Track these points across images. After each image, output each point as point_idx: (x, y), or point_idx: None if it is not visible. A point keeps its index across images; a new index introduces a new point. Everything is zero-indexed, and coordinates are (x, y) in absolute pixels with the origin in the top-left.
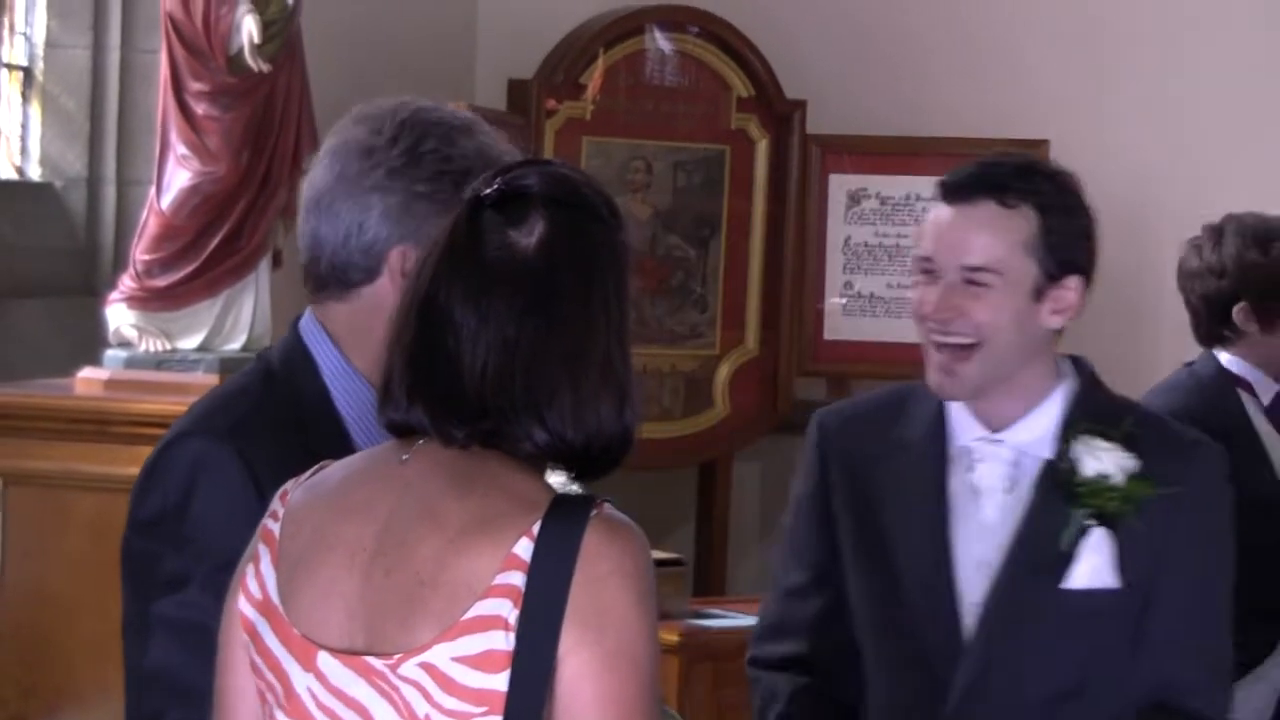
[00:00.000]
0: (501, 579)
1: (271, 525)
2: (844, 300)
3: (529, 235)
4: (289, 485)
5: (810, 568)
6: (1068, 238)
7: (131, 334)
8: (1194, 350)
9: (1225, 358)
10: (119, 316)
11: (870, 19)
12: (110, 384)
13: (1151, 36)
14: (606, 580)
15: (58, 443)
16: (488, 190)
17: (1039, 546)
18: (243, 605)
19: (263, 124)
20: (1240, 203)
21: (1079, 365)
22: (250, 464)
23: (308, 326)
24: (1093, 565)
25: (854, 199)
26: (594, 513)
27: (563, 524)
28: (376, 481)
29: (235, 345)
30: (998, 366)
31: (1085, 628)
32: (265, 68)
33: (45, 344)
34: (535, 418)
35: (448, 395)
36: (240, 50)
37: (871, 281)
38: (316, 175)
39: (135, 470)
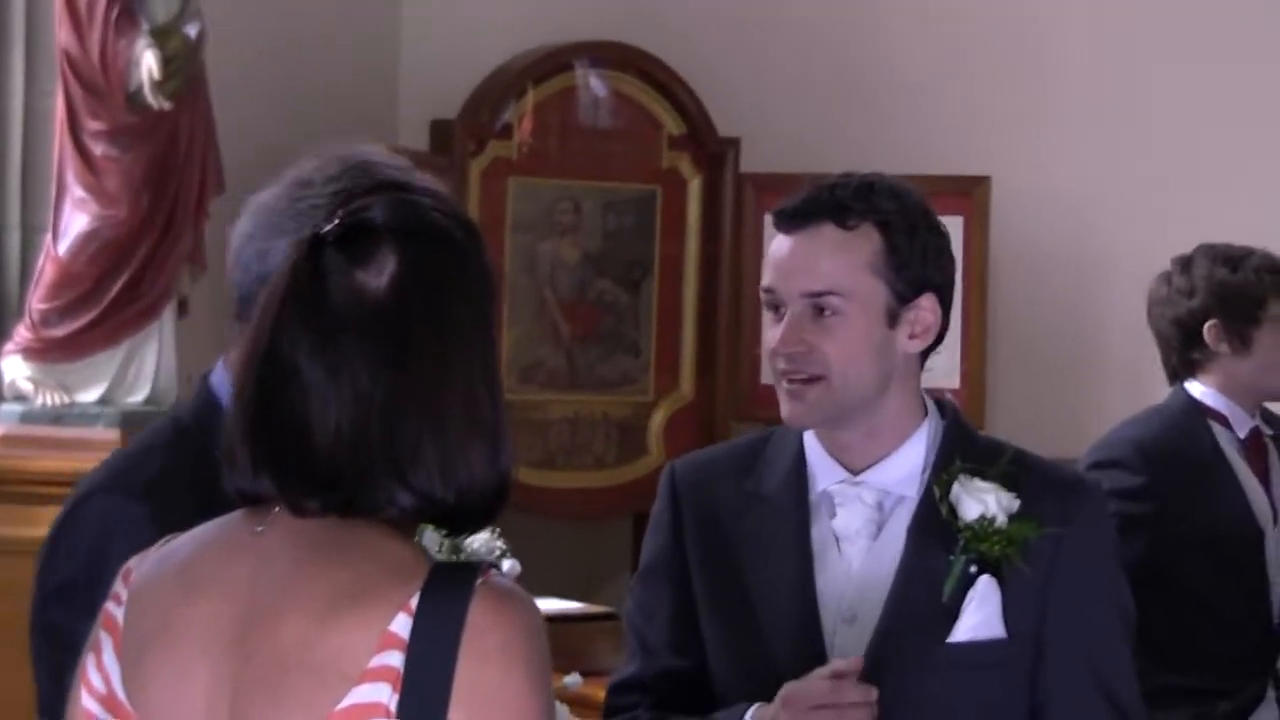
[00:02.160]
0: (378, 660)
1: (114, 610)
2: None
3: (378, 275)
4: (132, 562)
5: (669, 625)
6: (915, 255)
7: (27, 387)
8: (1142, 399)
9: (1198, 390)
10: (14, 369)
11: (805, 54)
12: (5, 440)
13: (1094, 72)
14: (495, 657)
15: None
16: (328, 227)
17: (918, 598)
18: (85, 700)
19: (165, 165)
20: (1185, 239)
21: (940, 403)
22: (166, 525)
23: (219, 379)
24: (981, 615)
25: None
26: (479, 581)
27: (444, 595)
28: (230, 555)
29: (138, 398)
30: (850, 395)
31: (974, 684)
32: (166, 105)
33: None
34: (397, 479)
35: (297, 462)
36: (140, 87)
37: None
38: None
39: (34, 532)
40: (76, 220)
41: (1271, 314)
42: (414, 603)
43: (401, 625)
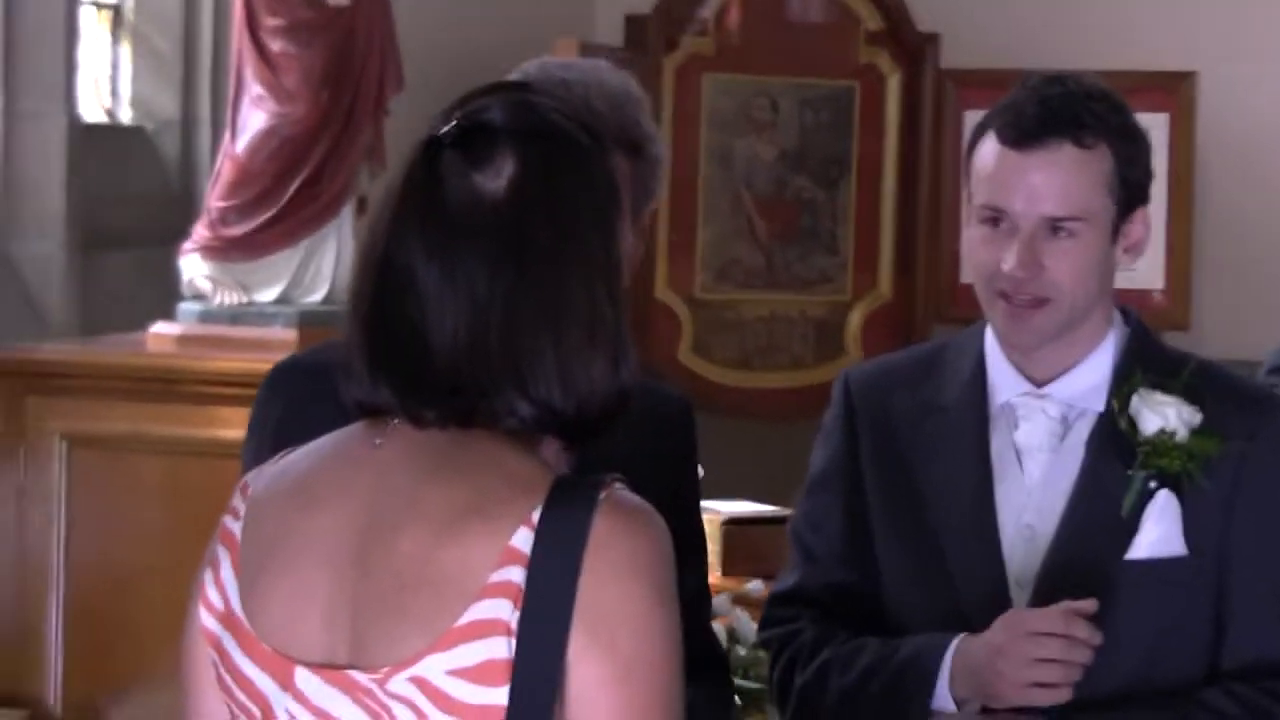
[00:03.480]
0: (498, 576)
1: (231, 524)
2: None
3: (496, 178)
4: (249, 476)
5: (839, 537)
6: (1138, 170)
7: (206, 286)
8: None
9: None
10: (193, 267)
11: None
12: (182, 340)
13: None
14: (620, 575)
15: (125, 403)
16: (445, 128)
17: (1096, 512)
18: (204, 618)
19: (343, 62)
20: None
21: (1125, 310)
22: None
23: None
24: (1160, 532)
25: None
26: (602, 495)
27: (567, 510)
28: (348, 468)
29: (316, 297)
30: (1073, 315)
31: (1153, 603)
32: (344, 1)
33: (135, 297)
34: (517, 388)
35: (415, 371)
36: None
37: None
38: None
39: (210, 432)
40: (254, 118)
41: None
42: (536, 516)
43: (523, 540)
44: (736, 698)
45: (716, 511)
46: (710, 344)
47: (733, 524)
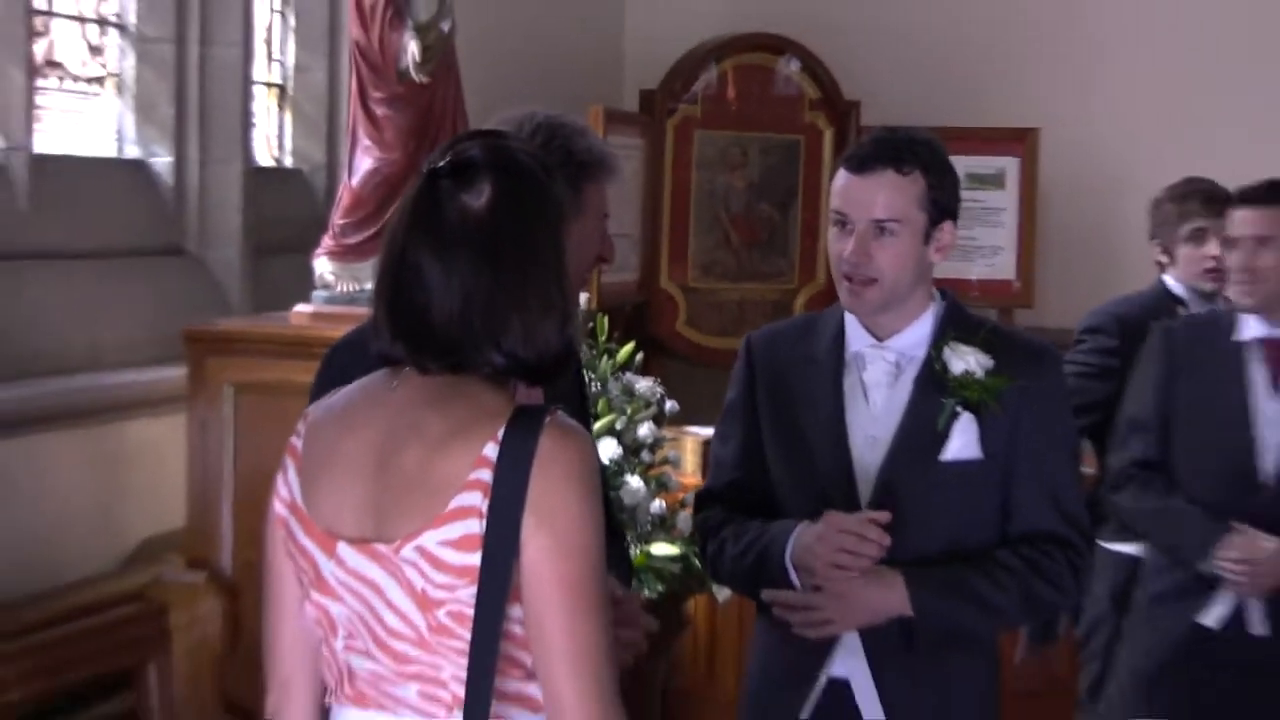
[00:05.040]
0: (474, 475)
1: (295, 441)
2: None
3: (478, 198)
4: (308, 409)
5: (739, 450)
6: (944, 193)
7: (331, 278)
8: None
9: (1171, 281)
10: (322, 266)
11: (907, 41)
12: (314, 316)
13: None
14: (559, 479)
15: (275, 360)
16: (441, 163)
17: (919, 429)
18: (277, 507)
19: (425, 122)
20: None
21: (944, 292)
22: None
23: None
24: (963, 442)
25: None
26: (548, 420)
27: (522, 430)
28: (374, 403)
29: None
30: (894, 294)
31: (959, 491)
32: (425, 80)
33: (286, 287)
34: (493, 346)
35: (422, 335)
36: (407, 67)
37: None
38: None
39: None
40: (364, 162)
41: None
42: (500, 434)
43: (491, 451)
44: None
45: (699, 434)
46: (699, 319)
47: (704, 443)
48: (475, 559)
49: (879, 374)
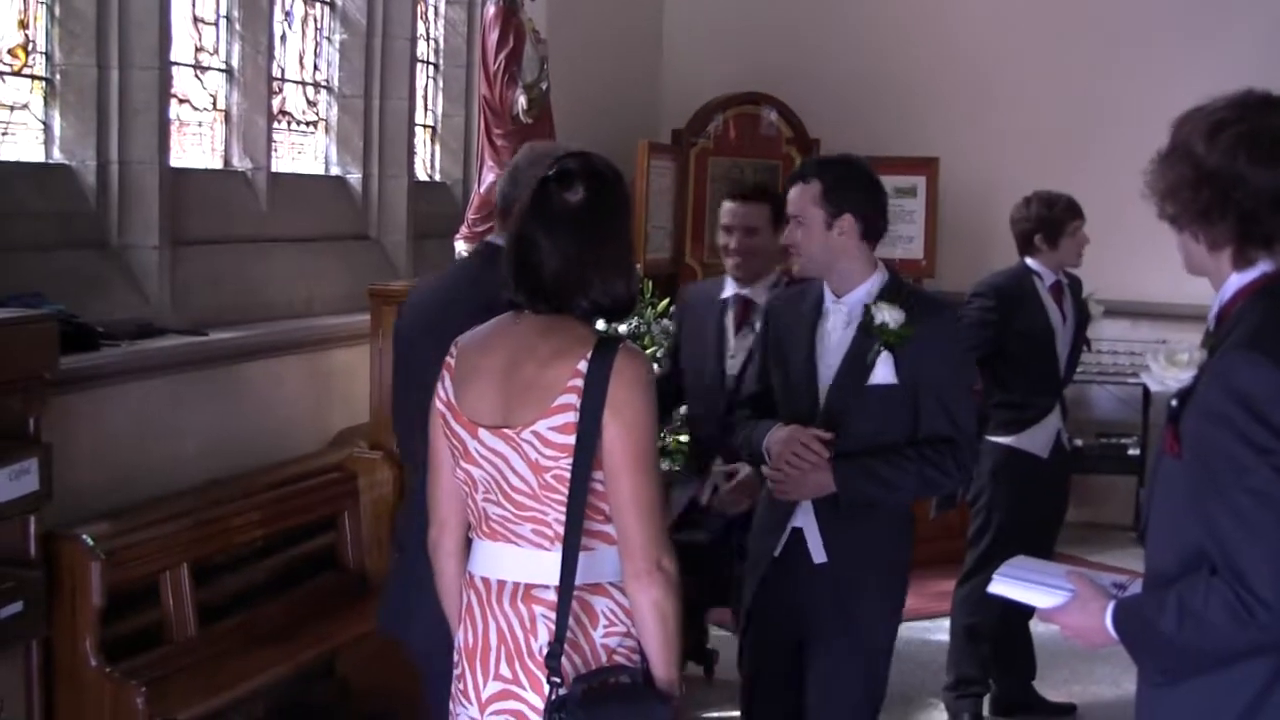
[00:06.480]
0: (571, 383)
1: (450, 359)
2: None
3: (575, 195)
4: (460, 338)
5: (759, 374)
6: (841, 195)
7: (465, 254)
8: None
9: (1030, 262)
10: (460, 246)
11: (858, 91)
12: None
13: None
14: (627, 385)
15: None
16: (550, 172)
17: (856, 365)
18: (437, 404)
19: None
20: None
21: (889, 265)
22: None
23: (495, 239)
24: (884, 372)
25: None
26: (620, 346)
27: (604, 352)
28: (503, 333)
29: None
30: (812, 264)
31: (881, 406)
32: (530, 122)
33: (438, 260)
34: (584, 296)
35: (535, 287)
36: (518, 113)
37: None
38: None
39: None
40: (488, 177)
41: (1068, 231)
42: (589, 355)
43: (583, 365)
44: None
45: None
46: None
47: None
48: (571, 439)
49: (836, 322)
